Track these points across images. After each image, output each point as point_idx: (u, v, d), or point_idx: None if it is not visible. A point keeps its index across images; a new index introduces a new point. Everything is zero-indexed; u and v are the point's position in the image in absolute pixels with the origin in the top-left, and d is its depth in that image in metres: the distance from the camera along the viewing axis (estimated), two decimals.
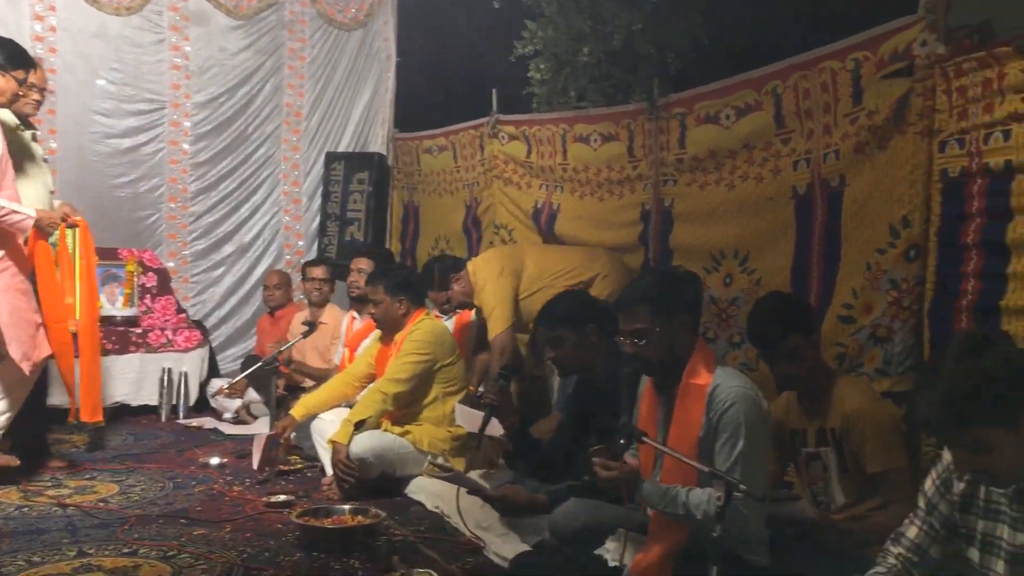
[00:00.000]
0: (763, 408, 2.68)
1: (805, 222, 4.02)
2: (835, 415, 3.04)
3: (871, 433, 2.94)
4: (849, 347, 3.66)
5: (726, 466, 2.57)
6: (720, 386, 2.67)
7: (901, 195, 3.48)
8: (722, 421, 2.62)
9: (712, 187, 4.55)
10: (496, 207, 6.23)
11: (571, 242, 5.52)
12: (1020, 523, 1.98)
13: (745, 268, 4.33)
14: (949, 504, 2.13)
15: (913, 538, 2.18)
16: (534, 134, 5.77)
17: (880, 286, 3.55)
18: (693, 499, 2.59)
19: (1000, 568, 2.02)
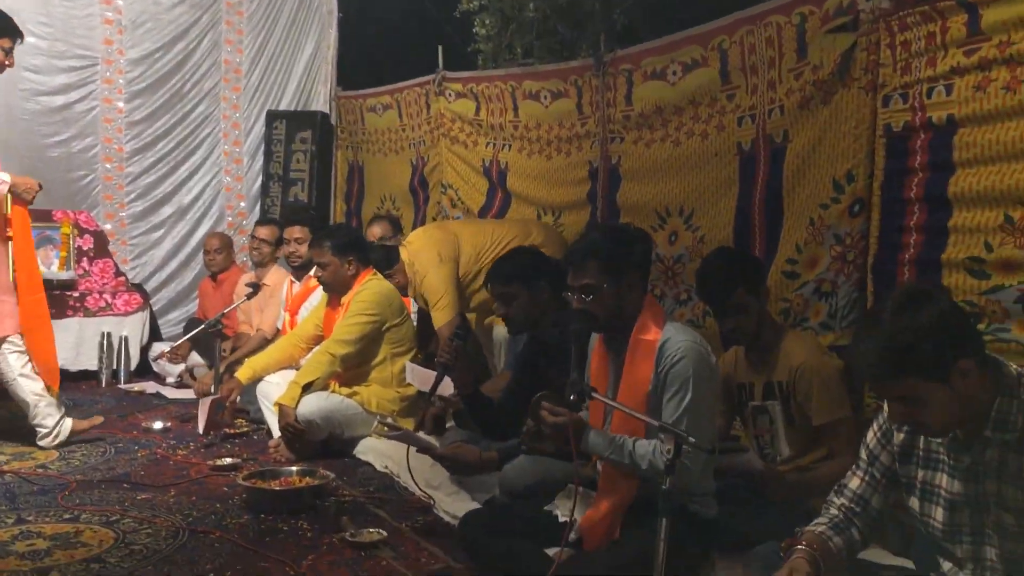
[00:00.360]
0: (711, 362, 2.69)
1: (748, 178, 4.04)
2: (782, 369, 3.07)
3: (817, 386, 2.98)
4: (794, 302, 3.70)
5: (674, 419, 2.58)
6: (669, 340, 2.68)
7: (845, 150, 3.50)
8: (670, 375, 2.63)
9: (658, 144, 4.54)
10: (443, 166, 6.16)
11: (519, 200, 5.49)
12: (957, 471, 2.01)
13: (689, 225, 4.34)
14: (890, 455, 2.16)
15: (855, 489, 2.21)
16: (482, 91, 5.70)
17: (824, 241, 3.58)
18: (639, 449, 2.60)
19: (939, 515, 2.06)
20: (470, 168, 5.91)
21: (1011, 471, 1.92)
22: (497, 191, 5.71)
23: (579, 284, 2.77)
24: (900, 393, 1.92)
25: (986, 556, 2.00)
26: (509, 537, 2.77)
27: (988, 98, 2.97)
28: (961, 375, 1.88)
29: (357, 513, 3.48)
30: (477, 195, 5.85)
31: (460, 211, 5.97)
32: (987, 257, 2.96)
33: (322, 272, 4.64)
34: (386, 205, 6.85)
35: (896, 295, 1.97)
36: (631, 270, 2.76)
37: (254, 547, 3.11)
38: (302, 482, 3.67)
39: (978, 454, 1.97)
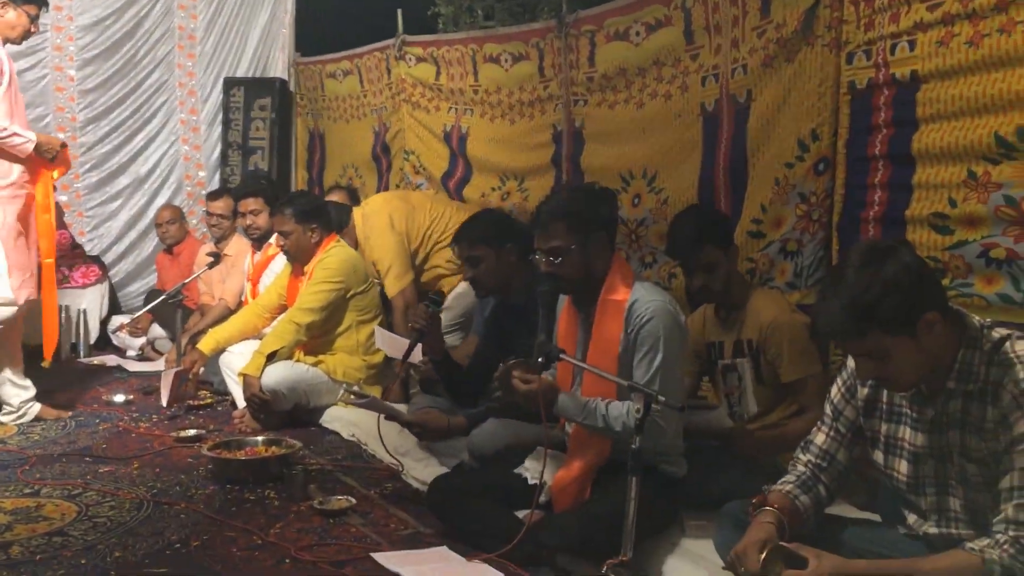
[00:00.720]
0: (681, 322, 2.69)
1: (712, 139, 4.01)
2: (751, 326, 3.08)
3: (786, 343, 2.99)
4: (759, 262, 3.70)
5: (645, 379, 2.58)
6: (639, 301, 2.67)
7: (809, 108, 3.48)
8: (640, 335, 2.62)
9: (621, 106, 4.50)
10: (405, 132, 6.08)
11: (482, 166, 5.44)
12: (920, 424, 2.03)
13: (653, 187, 4.31)
14: (854, 409, 2.18)
15: (821, 444, 2.23)
16: (443, 55, 5.61)
17: (789, 200, 3.58)
18: (612, 411, 2.59)
19: (903, 468, 2.08)
20: (432, 134, 5.84)
21: (973, 421, 1.95)
22: (459, 158, 5.65)
23: (547, 246, 2.75)
24: (867, 349, 1.92)
25: (950, 507, 2.03)
26: (479, 501, 2.76)
27: (951, 53, 2.96)
28: (927, 328, 1.89)
29: (325, 481, 3.45)
30: (439, 161, 5.79)
31: (423, 178, 5.91)
32: (951, 213, 2.97)
33: (285, 241, 4.56)
34: (348, 173, 6.76)
35: (859, 250, 1.97)
36: (598, 230, 2.74)
37: (220, 517, 3.07)
38: (268, 452, 3.64)
39: (941, 406, 1.98)
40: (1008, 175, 2.80)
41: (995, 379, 1.90)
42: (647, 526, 2.56)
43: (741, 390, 3.12)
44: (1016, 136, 2.76)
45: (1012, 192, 2.78)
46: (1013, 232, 2.80)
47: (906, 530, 2.13)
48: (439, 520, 2.90)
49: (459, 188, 5.60)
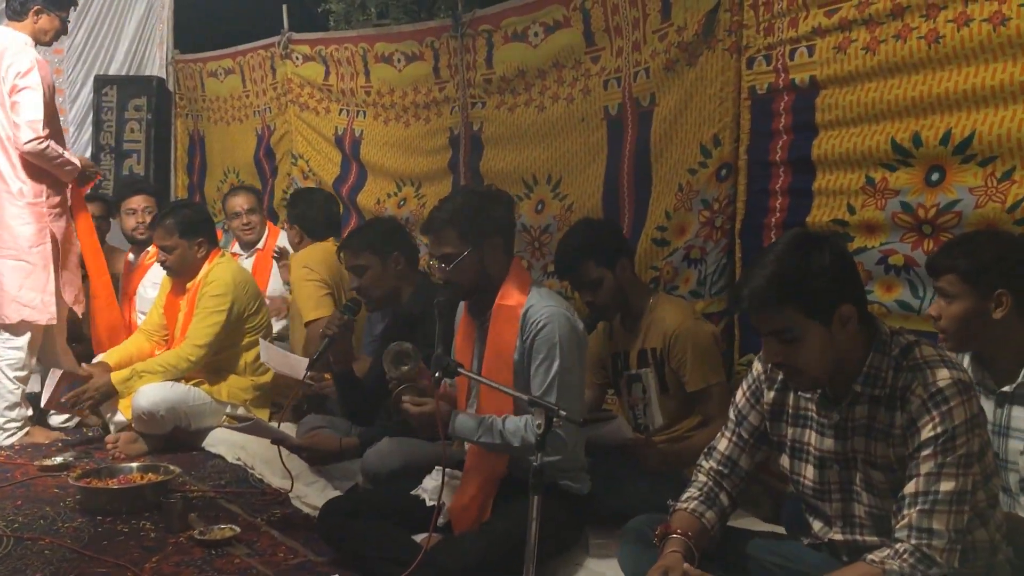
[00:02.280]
0: (578, 328, 2.72)
1: (616, 143, 4.09)
2: (655, 335, 3.14)
3: (691, 351, 3.06)
4: (663, 270, 3.78)
5: (542, 388, 2.60)
6: (533, 307, 2.70)
7: (711, 113, 3.58)
8: (536, 341, 2.65)
9: (522, 108, 4.55)
10: (292, 135, 6.00)
11: (377, 170, 5.41)
12: (826, 428, 2.10)
13: (557, 193, 4.37)
14: (759, 414, 2.24)
15: (723, 450, 2.29)
16: (331, 54, 5.57)
17: (693, 206, 3.67)
18: (509, 426, 2.61)
19: (809, 473, 2.15)
20: (321, 137, 5.78)
21: (879, 427, 2.02)
22: (352, 162, 5.61)
23: (440, 253, 2.76)
24: (780, 325, 1.99)
25: (855, 513, 2.10)
26: (373, 524, 2.74)
27: (848, 59, 3.09)
28: (841, 321, 1.97)
29: (207, 509, 3.37)
30: (331, 166, 5.74)
31: (312, 183, 5.84)
32: (850, 219, 3.09)
33: (167, 256, 4.38)
34: (229, 179, 6.63)
35: (794, 234, 2.08)
36: (493, 234, 2.77)
37: (90, 552, 2.96)
38: (143, 479, 3.53)
39: (847, 410, 2.05)
40: (904, 181, 2.93)
41: (903, 384, 1.97)
42: (550, 546, 2.58)
43: (646, 401, 3.18)
44: (912, 142, 2.90)
45: (908, 199, 2.92)
46: (910, 239, 2.93)
47: (811, 539, 2.20)
48: (331, 547, 2.86)
49: (352, 194, 5.57)
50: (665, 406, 3.15)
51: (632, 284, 3.25)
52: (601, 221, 3.76)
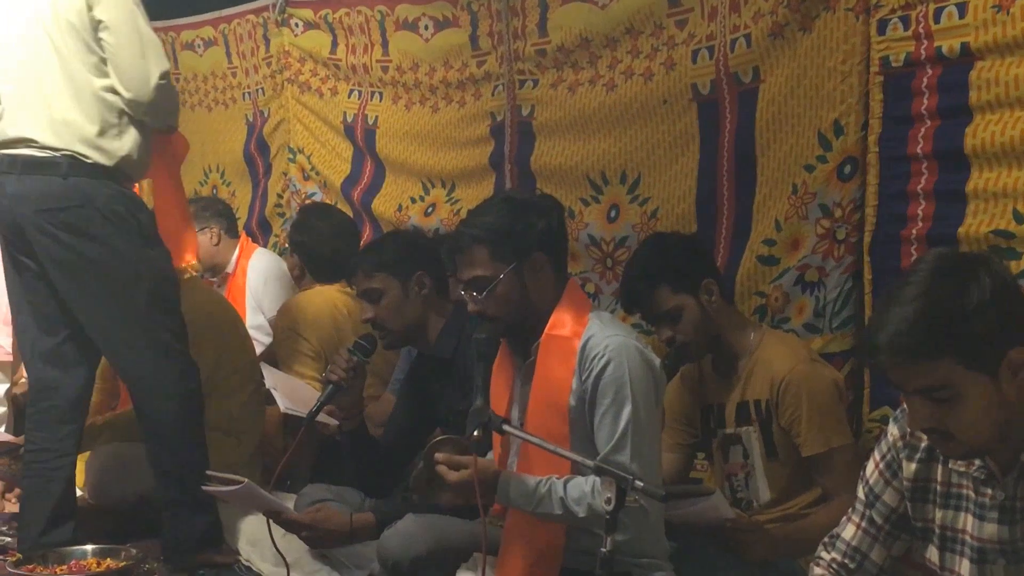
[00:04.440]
0: (654, 365, 2.78)
1: (711, 131, 4.13)
2: (759, 383, 3.17)
3: (806, 403, 3.07)
4: (771, 296, 3.80)
5: (610, 445, 2.65)
6: (594, 337, 2.75)
7: (831, 92, 3.60)
8: (601, 382, 2.70)
9: (586, 88, 4.58)
10: (291, 123, 6.10)
11: (398, 168, 5.50)
12: (987, 511, 2.09)
13: (636, 196, 4.40)
14: (896, 493, 2.24)
15: (850, 539, 2.30)
16: (340, 20, 5.67)
17: (809, 214, 3.69)
18: (573, 492, 2.65)
19: (965, 569, 2.14)
20: (327, 126, 5.89)
21: None
22: (366, 157, 5.71)
23: (468, 276, 2.85)
24: (932, 381, 1.96)
25: None
26: None
27: (1012, 20, 3.07)
28: (1011, 370, 1.94)
29: None
30: (339, 163, 5.83)
31: (315, 185, 5.94)
32: (1016, 230, 3.08)
33: None
34: (211, 179, 6.74)
35: (940, 255, 2.05)
36: (534, 250, 2.84)
37: None
38: (100, 566, 3.62)
39: (1014, 486, 2.04)
40: None
41: None
42: None
43: (748, 469, 3.21)
44: None
45: None
46: None
47: None
48: None
49: (366, 199, 5.65)
50: (773, 476, 3.18)
51: (726, 315, 3.29)
52: (675, 235, 3.79)
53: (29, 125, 3.74)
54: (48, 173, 3.69)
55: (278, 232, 6.23)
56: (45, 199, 3.68)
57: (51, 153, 3.70)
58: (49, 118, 3.72)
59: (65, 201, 3.68)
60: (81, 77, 3.73)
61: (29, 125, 3.74)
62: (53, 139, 3.71)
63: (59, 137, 3.71)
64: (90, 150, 3.71)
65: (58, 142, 3.70)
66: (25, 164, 3.71)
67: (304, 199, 5.98)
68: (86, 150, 3.71)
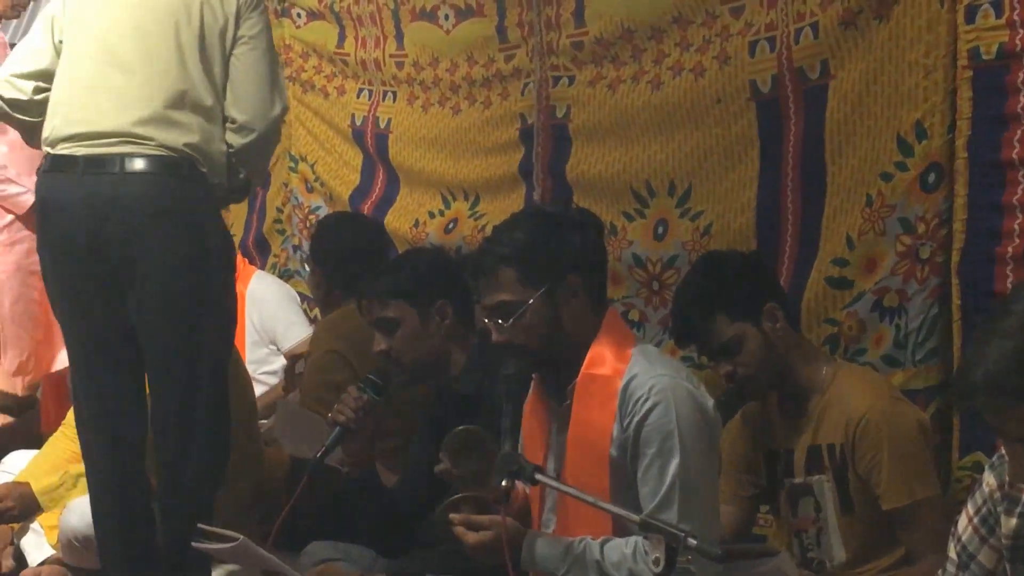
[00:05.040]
0: (707, 408, 2.77)
1: (773, 135, 4.12)
2: (833, 423, 3.14)
3: (888, 448, 3.04)
4: (844, 324, 3.78)
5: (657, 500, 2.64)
6: (638, 376, 2.74)
7: (912, 90, 3.59)
8: (645, 428, 2.69)
9: (628, 85, 4.58)
10: (292, 127, 6.12)
11: (414, 178, 5.52)
12: None
13: (686, 210, 4.39)
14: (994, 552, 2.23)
15: None
16: (348, 9, 5.70)
17: (887, 229, 3.67)
18: (612, 556, 2.64)
19: None
20: (333, 130, 5.94)
21: None
22: (377, 166, 5.74)
23: (493, 302, 2.85)
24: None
25: None
26: None
27: None
28: None
29: None
30: (346, 172, 5.87)
31: (320, 197, 5.97)
32: None
33: None
34: None
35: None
36: (568, 271, 2.84)
37: None
38: None
39: None
40: None
41: None
42: None
43: (820, 524, 3.18)
44: None
45: None
46: None
47: None
48: None
49: (379, 213, 5.66)
50: (849, 532, 3.14)
51: (793, 345, 3.27)
52: (731, 254, 3.78)
53: (143, 120, 3.66)
54: (166, 173, 3.64)
55: (278, 252, 6.27)
56: (162, 200, 3.62)
57: (168, 153, 3.63)
58: (171, 117, 3.67)
59: (181, 207, 3.65)
60: (209, 87, 3.71)
61: (143, 120, 3.66)
62: (172, 138, 3.65)
63: (180, 137, 3.65)
64: (206, 160, 3.69)
65: (178, 142, 3.64)
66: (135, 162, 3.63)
67: (307, 214, 6.01)
68: (203, 158, 3.68)
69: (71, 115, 3.67)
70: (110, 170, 3.59)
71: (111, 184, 3.59)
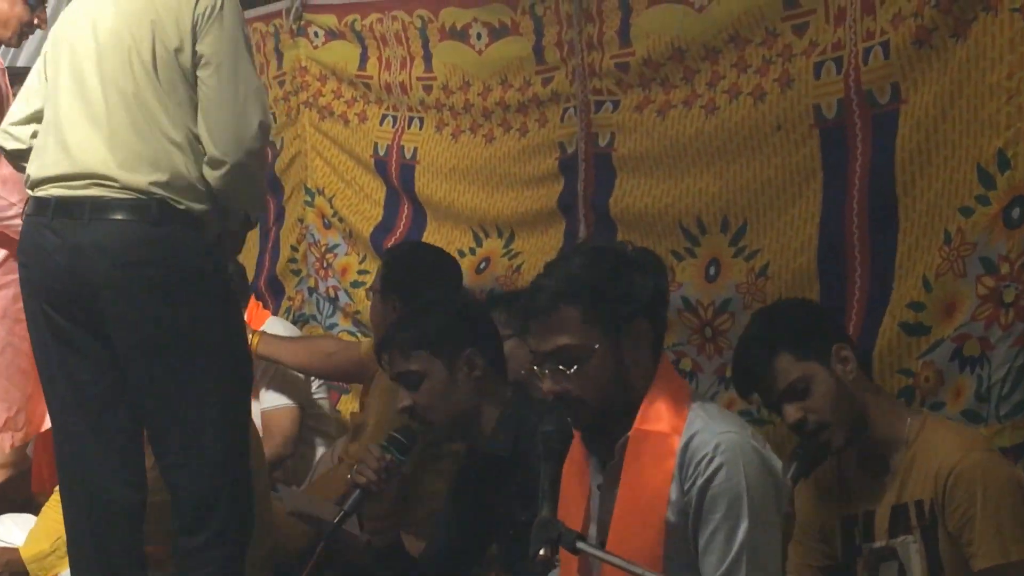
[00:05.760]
0: (775, 470, 2.76)
1: (837, 166, 4.10)
2: (922, 479, 3.11)
3: (982, 502, 2.99)
4: (920, 376, 3.76)
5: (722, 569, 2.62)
6: (700, 434, 2.72)
7: (994, 115, 3.57)
8: (711, 492, 2.67)
9: (679, 111, 4.58)
10: (308, 157, 6.17)
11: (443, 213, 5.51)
12: None
13: (741, 249, 4.39)
14: None
15: None
16: (371, 28, 5.74)
17: (968, 270, 3.65)
18: None
19: None
20: (354, 160, 5.96)
21: None
22: (402, 199, 5.75)
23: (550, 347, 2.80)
24: None
25: None
26: None
27: None
28: None
29: None
30: (368, 206, 5.89)
31: (339, 233, 5.98)
32: None
33: None
34: None
35: None
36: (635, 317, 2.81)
37: None
38: None
39: None
40: None
41: None
42: None
43: None
44: None
45: None
46: None
47: None
48: None
49: None
50: None
51: (871, 393, 3.24)
52: (793, 299, 3.77)
53: (108, 160, 3.62)
54: (133, 218, 3.60)
55: (292, 294, 6.28)
56: (127, 251, 3.59)
57: (135, 195, 3.60)
58: (135, 153, 3.63)
59: (151, 254, 3.61)
60: (176, 114, 3.66)
61: (108, 160, 3.62)
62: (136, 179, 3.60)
63: (145, 176, 3.61)
64: (180, 194, 3.64)
65: (142, 183, 3.60)
66: (101, 207, 3.60)
67: (324, 252, 6.01)
68: (176, 194, 3.63)
69: (47, 154, 3.69)
70: (78, 216, 3.59)
71: (79, 231, 3.58)
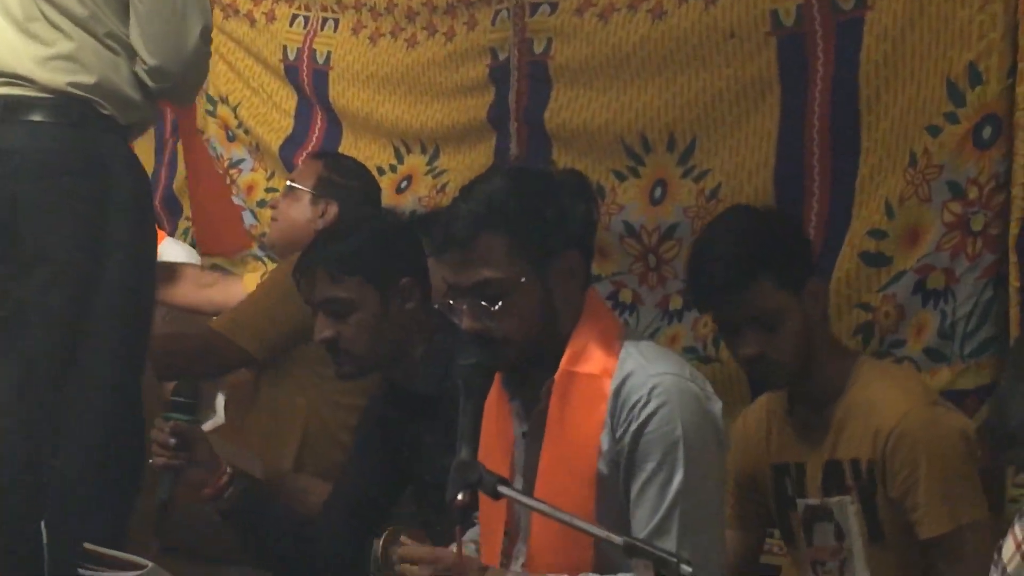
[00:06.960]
0: (716, 416, 2.79)
1: (796, 79, 4.15)
2: (858, 435, 3.15)
3: (927, 466, 3.03)
4: (879, 310, 3.82)
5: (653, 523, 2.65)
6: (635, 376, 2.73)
7: (965, 24, 3.62)
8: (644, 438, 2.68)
9: (623, 15, 4.61)
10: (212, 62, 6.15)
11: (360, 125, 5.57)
12: None
13: (689, 168, 4.43)
14: None
15: None
16: None
17: (933, 194, 3.71)
18: None
19: None
20: (261, 65, 5.98)
21: None
22: (314, 109, 5.78)
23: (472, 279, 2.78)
24: None
25: None
26: None
27: None
28: None
29: None
30: (277, 116, 5.92)
31: (244, 147, 6.03)
32: None
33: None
34: None
35: None
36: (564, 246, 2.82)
37: None
38: None
39: None
40: None
41: None
42: None
43: (843, 555, 3.21)
44: None
45: None
46: None
47: None
48: None
49: None
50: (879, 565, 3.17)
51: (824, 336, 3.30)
52: (769, 210, 3.78)
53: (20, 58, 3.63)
54: (52, 119, 3.60)
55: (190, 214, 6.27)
56: (45, 156, 3.60)
57: (51, 95, 3.60)
58: (54, 51, 3.62)
59: (71, 162, 3.63)
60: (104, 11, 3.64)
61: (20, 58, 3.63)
62: (55, 77, 3.61)
63: (61, 77, 3.60)
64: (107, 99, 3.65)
65: (57, 83, 3.60)
66: (15, 106, 3.62)
67: (228, 168, 6.02)
68: (103, 99, 3.64)
69: None
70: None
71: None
